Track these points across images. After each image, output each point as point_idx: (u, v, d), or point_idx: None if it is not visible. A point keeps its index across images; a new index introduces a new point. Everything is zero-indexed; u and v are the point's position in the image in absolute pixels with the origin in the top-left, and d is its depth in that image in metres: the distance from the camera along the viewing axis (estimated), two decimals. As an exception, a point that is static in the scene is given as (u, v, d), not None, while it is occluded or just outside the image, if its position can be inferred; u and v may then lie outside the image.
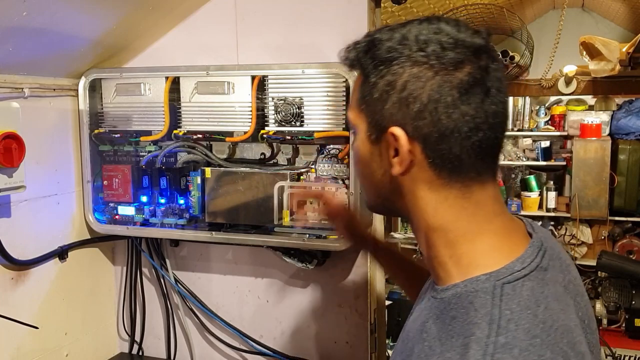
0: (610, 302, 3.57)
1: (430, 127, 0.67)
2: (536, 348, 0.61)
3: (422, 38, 0.68)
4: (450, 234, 0.71)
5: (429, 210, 0.71)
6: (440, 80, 0.66)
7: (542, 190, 4.62)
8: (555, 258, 0.73)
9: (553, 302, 0.66)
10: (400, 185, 0.72)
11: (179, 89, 1.50)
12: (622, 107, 4.33)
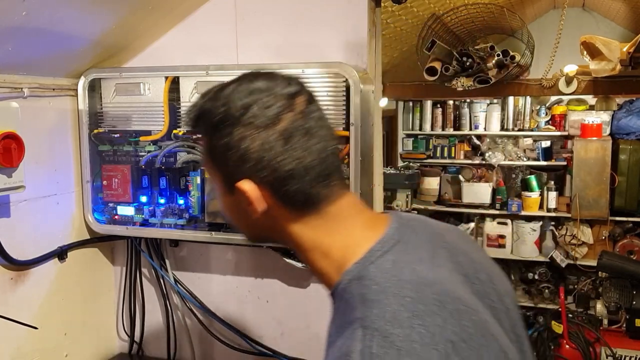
0: (610, 302, 3.57)
1: (271, 175, 0.77)
2: (408, 305, 0.70)
3: (242, 103, 0.77)
4: (322, 248, 0.81)
5: (297, 237, 0.82)
6: (265, 135, 0.76)
7: (543, 190, 4.62)
8: (421, 232, 0.83)
9: (418, 265, 0.76)
10: (267, 222, 0.82)
11: (178, 88, 1.50)
12: (623, 107, 4.32)
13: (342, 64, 1.35)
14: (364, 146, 1.36)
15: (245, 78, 0.81)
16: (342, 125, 1.36)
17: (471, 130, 4.81)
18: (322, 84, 1.37)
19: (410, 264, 0.76)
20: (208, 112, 0.79)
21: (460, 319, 0.71)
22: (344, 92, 1.36)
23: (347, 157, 1.38)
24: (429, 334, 0.67)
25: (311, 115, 0.79)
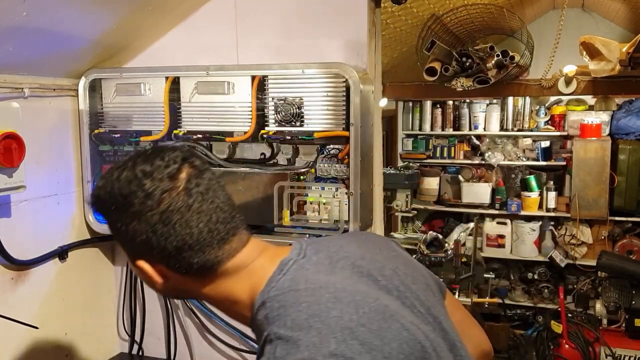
0: (610, 302, 3.57)
1: (160, 254, 0.82)
2: (305, 309, 0.76)
3: (124, 192, 0.81)
4: (231, 298, 0.86)
5: (206, 295, 0.88)
6: (148, 219, 0.80)
7: (542, 190, 4.62)
8: (322, 249, 0.89)
9: (314, 275, 0.83)
10: (175, 288, 0.87)
11: (179, 89, 1.50)
12: (622, 107, 4.32)
13: (342, 64, 1.35)
14: (364, 146, 1.37)
15: (130, 162, 0.84)
16: (342, 125, 1.37)
17: (471, 130, 4.82)
18: (322, 84, 1.38)
19: (305, 276, 0.82)
20: (99, 199, 0.86)
21: (357, 308, 0.77)
22: (344, 92, 1.36)
23: (347, 157, 1.38)
24: (325, 326, 0.74)
25: (193, 190, 0.82)
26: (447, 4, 2.82)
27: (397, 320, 0.79)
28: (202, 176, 0.84)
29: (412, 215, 5.03)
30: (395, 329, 0.78)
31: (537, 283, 4.54)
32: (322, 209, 1.43)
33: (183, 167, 0.83)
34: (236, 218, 0.86)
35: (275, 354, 0.73)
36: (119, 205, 0.83)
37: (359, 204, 1.36)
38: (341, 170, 1.42)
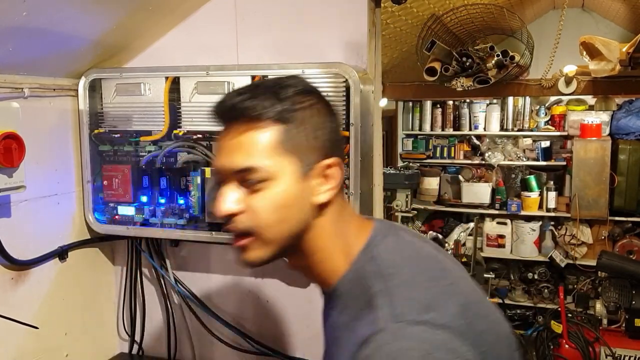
0: (610, 302, 3.57)
1: (339, 152, 0.85)
2: (420, 273, 0.81)
3: (312, 86, 0.85)
4: (342, 238, 0.85)
5: (332, 225, 0.85)
6: (335, 117, 0.87)
7: (542, 190, 4.62)
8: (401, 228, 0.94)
9: (414, 242, 0.88)
10: (312, 215, 0.83)
11: (179, 89, 1.50)
12: (622, 107, 4.32)
13: (342, 64, 1.35)
14: (364, 146, 1.37)
15: (292, 77, 0.86)
16: (342, 126, 1.36)
17: (471, 130, 4.82)
18: (322, 84, 1.37)
19: (409, 243, 0.87)
20: (288, 90, 0.81)
21: (460, 285, 0.83)
22: (344, 92, 1.36)
23: (347, 157, 1.38)
24: (444, 293, 0.78)
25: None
26: (447, 4, 2.82)
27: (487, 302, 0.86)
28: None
29: (412, 215, 5.03)
30: (489, 307, 0.85)
31: (537, 283, 4.55)
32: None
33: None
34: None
35: (396, 310, 0.74)
36: (307, 103, 0.83)
37: (359, 204, 1.36)
38: (341, 170, 1.42)
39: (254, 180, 0.80)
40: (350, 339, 0.77)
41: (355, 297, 0.80)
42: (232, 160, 0.81)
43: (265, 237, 0.81)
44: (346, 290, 0.83)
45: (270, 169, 0.80)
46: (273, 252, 0.83)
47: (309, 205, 0.82)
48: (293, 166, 0.80)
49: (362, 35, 1.43)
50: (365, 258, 0.82)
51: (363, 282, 0.80)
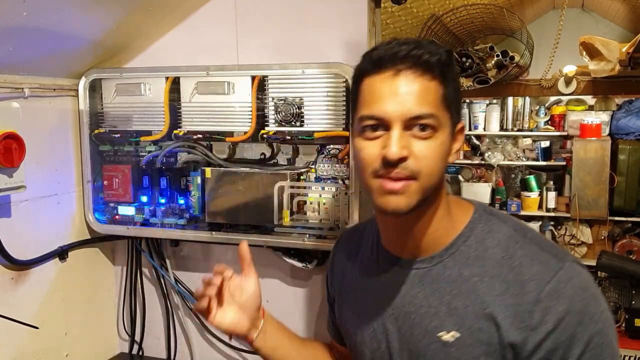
0: (610, 302, 3.57)
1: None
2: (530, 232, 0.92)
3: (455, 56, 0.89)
4: (446, 201, 0.92)
5: (445, 190, 0.91)
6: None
7: (542, 190, 4.62)
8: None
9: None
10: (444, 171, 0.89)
11: (179, 89, 1.50)
12: (622, 107, 4.32)
13: (342, 64, 1.35)
14: (364, 146, 1.36)
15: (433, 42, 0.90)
16: (342, 126, 1.37)
17: (470, 130, 4.81)
18: (322, 84, 1.38)
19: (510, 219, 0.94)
20: (452, 58, 0.86)
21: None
22: (344, 92, 1.36)
23: (347, 157, 1.38)
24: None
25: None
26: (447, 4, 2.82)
27: None
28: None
29: (412, 215, 5.03)
30: None
31: (537, 283, 4.54)
32: (322, 209, 1.43)
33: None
34: None
35: (551, 251, 0.87)
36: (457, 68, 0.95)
37: (358, 204, 1.36)
38: (341, 170, 1.42)
39: (427, 128, 0.82)
40: (502, 284, 0.85)
41: (486, 249, 0.88)
42: (410, 107, 0.82)
43: (425, 183, 0.84)
44: (471, 247, 0.89)
45: (440, 120, 0.84)
46: (421, 200, 0.85)
47: (445, 163, 0.87)
48: (449, 122, 0.86)
49: (362, 35, 1.43)
50: (483, 217, 0.91)
51: (495, 235, 0.89)
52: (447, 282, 0.90)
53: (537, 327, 0.82)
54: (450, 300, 0.89)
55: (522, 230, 0.90)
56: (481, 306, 0.86)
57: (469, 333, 0.87)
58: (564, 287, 0.83)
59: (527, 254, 0.86)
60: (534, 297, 0.83)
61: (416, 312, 0.92)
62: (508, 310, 0.84)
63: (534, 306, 0.82)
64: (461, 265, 0.90)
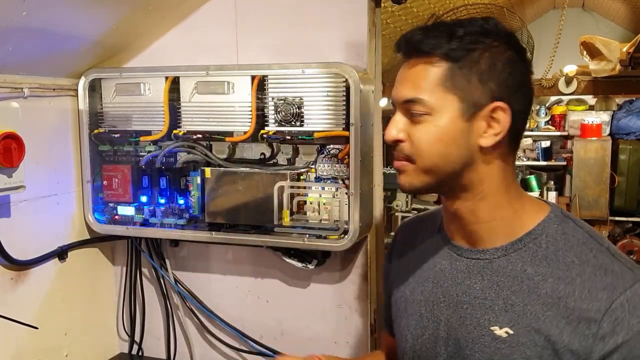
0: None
1: (519, 104, 0.84)
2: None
3: (497, 30, 0.83)
4: (512, 195, 0.89)
5: (499, 178, 0.87)
6: (524, 66, 0.85)
7: (543, 190, 4.62)
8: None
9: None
10: (477, 157, 0.85)
11: (178, 89, 1.50)
12: (623, 107, 4.32)
13: (342, 64, 1.35)
14: (364, 146, 1.36)
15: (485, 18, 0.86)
16: (342, 125, 1.36)
17: (471, 130, 4.81)
18: (322, 84, 1.37)
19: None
20: (464, 29, 0.83)
21: None
22: (344, 92, 1.36)
23: (347, 157, 1.38)
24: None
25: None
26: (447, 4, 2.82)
27: None
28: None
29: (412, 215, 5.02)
30: None
31: (537, 283, 4.54)
32: (322, 209, 1.43)
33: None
34: None
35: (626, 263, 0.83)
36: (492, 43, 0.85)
37: (358, 204, 1.36)
38: (341, 170, 1.42)
39: (416, 112, 0.85)
40: (566, 289, 0.82)
41: (557, 250, 0.85)
42: (400, 91, 0.87)
43: (421, 166, 0.86)
44: (541, 244, 0.87)
45: (431, 104, 0.84)
46: (428, 182, 0.88)
47: (472, 146, 0.84)
48: (454, 105, 0.83)
49: (362, 35, 1.43)
50: (559, 217, 0.88)
51: (568, 237, 0.86)
52: (508, 277, 0.87)
53: (606, 338, 0.79)
54: (509, 296, 0.86)
55: (598, 238, 0.87)
56: (542, 307, 0.83)
57: (524, 332, 0.84)
58: (639, 301, 0.79)
59: (600, 263, 0.83)
60: (604, 306, 0.79)
61: (470, 302, 0.90)
62: (571, 315, 0.81)
63: (604, 315, 0.79)
64: (526, 262, 0.86)
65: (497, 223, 0.88)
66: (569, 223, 0.88)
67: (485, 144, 0.84)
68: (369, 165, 1.42)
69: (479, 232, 0.90)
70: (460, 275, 0.93)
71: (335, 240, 1.39)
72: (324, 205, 1.42)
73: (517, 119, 0.84)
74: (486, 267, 0.90)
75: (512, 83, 0.83)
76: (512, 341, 0.85)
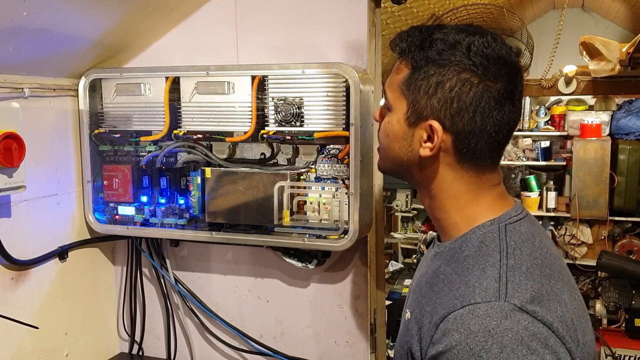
0: (610, 302, 3.57)
1: (465, 125, 0.82)
2: (538, 266, 0.81)
3: (473, 49, 0.81)
4: (461, 201, 0.88)
5: (445, 184, 0.88)
6: (483, 89, 0.81)
7: (542, 190, 4.62)
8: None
9: (544, 238, 0.88)
10: (422, 162, 0.88)
11: (179, 89, 1.50)
12: (622, 107, 4.33)
13: (342, 64, 1.35)
14: (363, 146, 1.37)
15: (479, 31, 0.84)
16: (342, 126, 1.37)
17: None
18: (322, 84, 1.38)
19: (539, 234, 0.87)
20: (434, 43, 0.83)
21: (572, 293, 0.83)
22: (344, 92, 1.36)
23: (347, 157, 1.38)
24: (555, 294, 0.79)
25: (520, 88, 0.85)
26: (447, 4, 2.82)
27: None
28: (522, 81, 0.87)
29: (412, 215, 5.03)
30: (589, 324, 0.85)
31: (537, 283, 4.54)
32: (322, 209, 1.43)
33: (519, 64, 0.87)
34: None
35: (507, 290, 0.76)
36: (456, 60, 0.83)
37: (358, 204, 1.36)
38: (341, 170, 1.42)
39: (384, 105, 0.93)
40: (448, 291, 0.82)
41: (465, 256, 0.84)
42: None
43: (381, 152, 0.95)
44: (458, 246, 0.87)
45: (390, 101, 0.90)
46: (388, 167, 0.95)
47: (414, 150, 0.87)
48: (403, 108, 0.87)
49: (362, 36, 1.43)
50: (493, 228, 0.85)
51: (482, 247, 0.83)
52: (433, 272, 0.91)
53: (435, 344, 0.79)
54: (423, 286, 0.91)
55: (509, 253, 0.81)
56: (428, 302, 0.86)
57: (412, 319, 0.89)
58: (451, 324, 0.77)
59: (470, 276, 0.81)
60: (443, 314, 0.79)
61: (415, 286, 0.97)
62: (426, 318, 0.84)
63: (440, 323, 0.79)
64: (444, 261, 0.89)
65: (445, 222, 0.91)
66: (496, 233, 0.84)
67: (422, 153, 0.86)
68: (368, 165, 1.43)
69: (438, 226, 0.94)
70: (424, 262, 1.00)
71: (335, 240, 1.39)
72: (324, 205, 1.42)
73: (467, 138, 0.83)
74: (433, 257, 0.94)
75: (457, 105, 0.82)
76: (408, 324, 0.90)
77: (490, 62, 0.81)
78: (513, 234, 0.84)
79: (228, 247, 1.64)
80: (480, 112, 0.81)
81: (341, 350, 1.57)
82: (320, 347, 1.59)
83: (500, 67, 0.82)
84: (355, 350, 1.56)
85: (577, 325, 0.79)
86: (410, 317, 0.91)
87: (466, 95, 0.81)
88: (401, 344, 0.93)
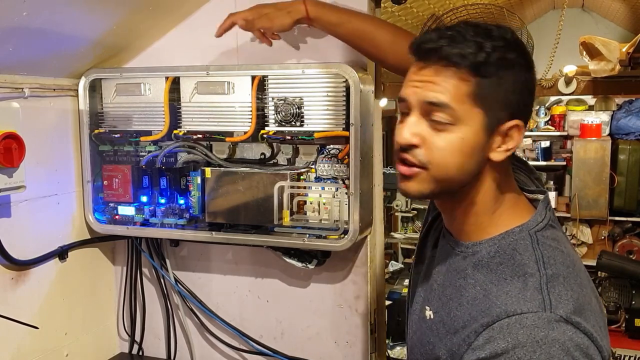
0: (610, 302, 3.58)
1: (526, 115, 0.86)
2: (572, 275, 0.82)
3: (520, 43, 0.84)
4: (496, 204, 0.89)
5: (493, 187, 0.88)
6: (533, 80, 0.86)
7: (542, 190, 4.62)
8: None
9: (566, 242, 0.89)
10: (483, 169, 0.86)
11: (179, 89, 1.50)
12: (622, 107, 4.33)
13: (342, 64, 1.35)
14: (364, 146, 1.37)
15: (506, 29, 0.85)
16: (342, 125, 1.37)
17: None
18: (322, 84, 1.38)
19: (564, 241, 0.89)
20: (493, 40, 0.81)
21: (596, 296, 0.87)
22: (344, 92, 1.36)
23: (347, 157, 1.38)
24: (589, 303, 0.82)
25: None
26: (447, 4, 2.82)
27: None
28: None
29: (412, 215, 5.03)
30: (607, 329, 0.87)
31: (537, 283, 4.54)
32: (322, 209, 1.43)
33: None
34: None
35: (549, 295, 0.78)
36: (530, 60, 0.86)
37: (358, 204, 1.36)
38: (341, 170, 1.42)
39: (442, 120, 0.82)
40: (485, 300, 0.82)
41: (497, 263, 0.85)
42: (426, 92, 0.83)
43: (435, 175, 0.85)
44: (491, 253, 0.86)
45: (459, 114, 0.82)
46: (435, 190, 0.87)
47: (483, 160, 0.85)
48: (479, 118, 0.82)
49: (362, 35, 1.43)
50: (524, 235, 0.85)
51: (515, 255, 0.84)
52: (456, 272, 0.91)
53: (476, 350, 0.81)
54: (447, 286, 0.92)
55: (545, 264, 0.82)
56: (457, 307, 0.88)
57: (437, 319, 0.91)
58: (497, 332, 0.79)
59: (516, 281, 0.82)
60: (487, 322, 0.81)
61: (431, 284, 0.97)
62: (457, 323, 0.86)
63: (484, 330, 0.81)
64: (470, 264, 0.89)
65: (471, 226, 0.90)
66: (533, 242, 0.85)
67: (495, 158, 0.84)
68: (368, 165, 1.43)
69: (457, 226, 0.93)
70: (440, 257, 0.98)
71: (335, 240, 1.39)
72: (324, 205, 1.42)
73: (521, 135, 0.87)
74: (453, 256, 0.93)
75: (528, 101, 0.86)
76: (432, 324, 0.92)
77: (527, 52, 0.85)
78: (544, 241, 0.85)
79: (228, 247, 1.64)
80: (531, 97, 0.87)
81: (341, 350, 1.57)
82: (320, 347, 1.59)
83: (529, 54, 0.86)
84: (355, 350, 1.56)
85: (603, 330, 0.82)
86: (434, 318, 0.92)
87: (531, 91, 0.86)
88: (422, 343, 0.94)
